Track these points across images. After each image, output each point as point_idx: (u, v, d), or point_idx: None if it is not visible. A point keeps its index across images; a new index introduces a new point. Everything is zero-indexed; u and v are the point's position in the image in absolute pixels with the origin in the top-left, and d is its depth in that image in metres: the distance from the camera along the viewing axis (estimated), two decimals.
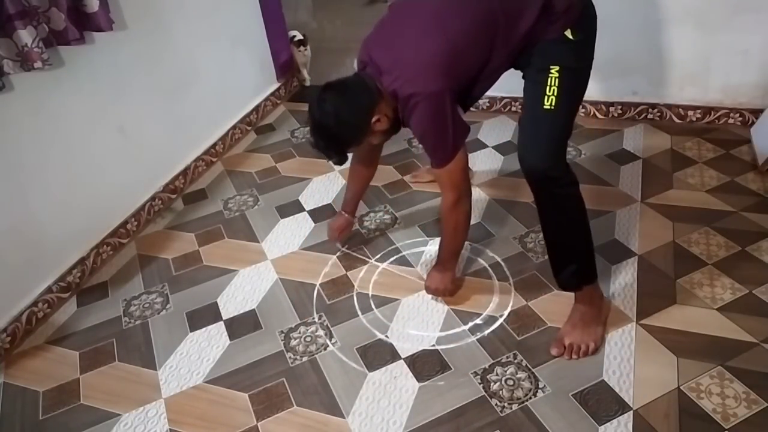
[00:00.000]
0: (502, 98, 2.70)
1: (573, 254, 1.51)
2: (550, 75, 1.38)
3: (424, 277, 1.83)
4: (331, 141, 1.48)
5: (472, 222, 2.03)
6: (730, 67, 2.29)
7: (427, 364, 1.56)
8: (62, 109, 1.86)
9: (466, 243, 1.96)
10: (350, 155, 1.68)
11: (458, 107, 1.48)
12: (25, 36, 1.63)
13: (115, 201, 2.12)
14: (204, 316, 1.81)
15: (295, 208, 2.25)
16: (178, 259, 2.06)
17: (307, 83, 3.24)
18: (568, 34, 1.38)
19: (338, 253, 1.99)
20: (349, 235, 2.01)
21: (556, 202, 1.45)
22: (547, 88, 1.38)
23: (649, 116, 2.50)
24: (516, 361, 1.54)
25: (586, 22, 1.43)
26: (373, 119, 1.46)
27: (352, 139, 1.50)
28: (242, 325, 1.76)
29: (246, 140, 2.76)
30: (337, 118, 1.43)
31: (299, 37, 3.14)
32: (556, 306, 1.68)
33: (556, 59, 1.39)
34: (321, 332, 1.70)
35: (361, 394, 1.51)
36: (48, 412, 1.57)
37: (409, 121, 1.45)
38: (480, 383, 1.50)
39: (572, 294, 1.59)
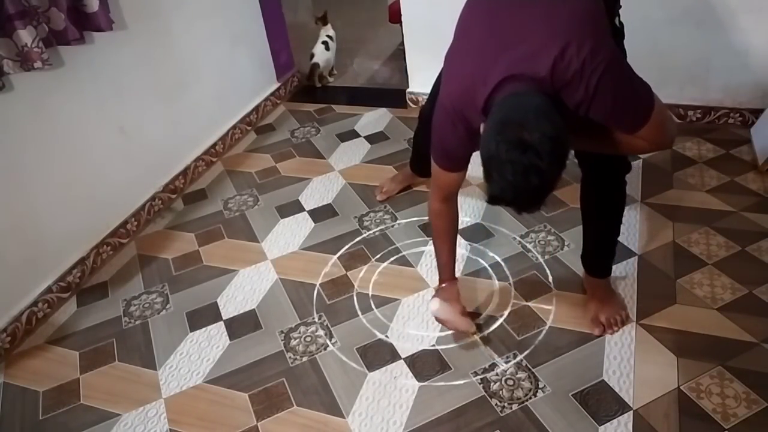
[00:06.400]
0: None
1: (615, 239, 1.61)
2: None
3: (425, 277, 1.83)
4: (553, 176, 1.10)
5: (472, 222, 2.04)
6: (730, 67, 2.29)
7: (427, 364, 1.56)
8: (62, 109, 1.86)
9: (466, 243, 1.96)
10: None
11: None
12: (25, 36, 1.63)
13: (115, 201, 2.12)
14: (204, 316, 1.81)
15: (295, 208, 2.25)
16: (178, 259, 2.06)
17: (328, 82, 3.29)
18: (617, 21, 1.35)
19: (339, 253, 1.99)
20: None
21: (620, 191, 1.51)
22: None
23: None
24: (516, 361, 1.54)
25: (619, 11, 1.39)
26: None
27: (566, 158, 1.13)
28: (242, 325, 1.76)
29: (246, 140, 2.76)
30: (560, 146, 1.07)
31: (325, 38, 3.22)
32: (556, 306, 1.68)
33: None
34: (321, 332, 1.70)
35: (361, 394, 1.51)
36: (48, 412, 1.57)
37: (589, 107, 1.14)
38: (480, 383, 1.50)
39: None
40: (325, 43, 3.21)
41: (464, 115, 1.18)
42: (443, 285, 1.59)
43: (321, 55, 3.17)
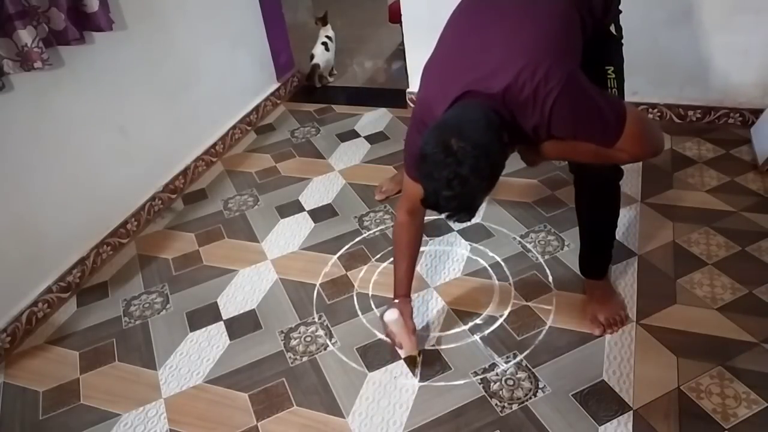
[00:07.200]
0: None
1: (611, 242, 1.62)
2: (608, 77, 1.34)
3: (425, 277, 1.83)
4: (476, 187, 1.11)
5: (472, 222, 2.04)
6: (730, 67, 2.29)
7: (427, 364, 1.56)
8: (62, 109, 1.86)
9: (466, 243, 1.96)
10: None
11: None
12: (25, 36, 1.63)
13: (115, 201, 2.12)
14: (204, 316, 1.81)
15: (295, 208, 2.25)
16: (178, 259, 2.06)
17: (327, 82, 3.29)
18: (612, 29, 1.35)
19: (339, 253, 1.99)
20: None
21: (614, 197, 1.51)
22: (608, 91, 1.34)
23: (649, 116, 2.50)
24: (516, 361, 1.54)
25: (619, 17, 1.39)
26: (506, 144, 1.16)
27: (498, 177, 1.15)
28: (242, 325, 1.76)
29: (246, 140, 2.76)
30: (484, 158, 1.08)
31: (324, 38, 3.23)
32: (556, 306, 1.68)
33: (609, 59, 1.35)
34: (321, 332, 1.70)
35: (361, 394, 1.51)
36: (48, 412, 1.57)
37: (548, 129, 1.15)
38: (480, 383, 1.50)
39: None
40: (324, 44, 3.22)
41: (427, 126, 1.20)
42: (396, 300, 1.56)
43: (321, 55, 3.18)
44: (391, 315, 1.52)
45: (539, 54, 1.13)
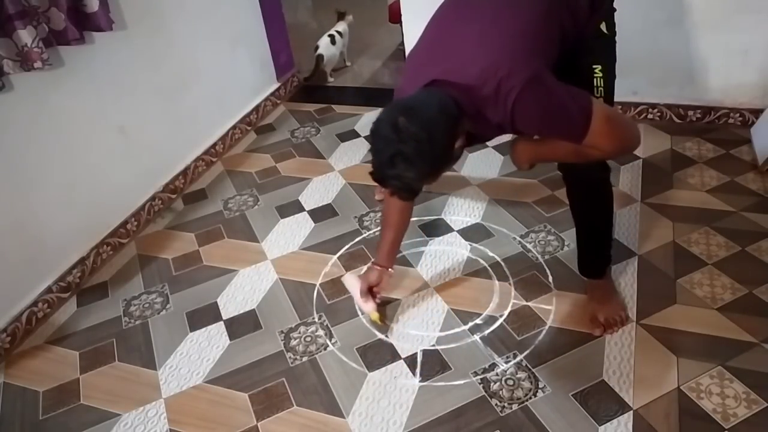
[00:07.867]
0: None
1: (609, 240, 1.61)
2: (595, 76, 1.34)
3: (425, 277, 1.83)
4: (419, 168, 1.16)
5: (473, 222, 2.04)
6: (730, 67, 2.29)
7: (427, 364, 1.56)
8: (62, 108, 1.86)
9: (466, 243, 1.96)
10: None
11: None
12: (25, 36, 1.63)
13: (115, 201, 2.12)
14: (204, 316, 1.81)
15: (295, 208, 2.25)
16: (178, 259, 2.06)
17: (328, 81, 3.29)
18: (603, 27, 1.35)
19: (339, 253, 1.99)
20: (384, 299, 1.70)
21: (604, 194, 1.52)
22: (594, 89, 1.35)
23: (649, 116, 2.50)
24: (516, 361, 1.54)
25: (613, 15, 1.39)
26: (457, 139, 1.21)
27: (443, 164, 1.21)
28: (242, 325, 1.76)
29: (246, 140, 2.76)
30: (428, 141, 1.13)
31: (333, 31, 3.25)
32: (556, 306, 1.68)
33: (597, 57, 1.35)
34: (321, 332, 1.70)
35: (361, 394, 1.51)
36: (48, 412, 1.57)
37: (513, 126, 1.20)
38: (480, 383, 1.50)
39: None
40: (331, 36, 3.22)
41: None
42: (374, 266, 1.64)
43: (326, 47, 3.19)
44: (347, 277, 1.70)
45: (506, 54, 1.18)
